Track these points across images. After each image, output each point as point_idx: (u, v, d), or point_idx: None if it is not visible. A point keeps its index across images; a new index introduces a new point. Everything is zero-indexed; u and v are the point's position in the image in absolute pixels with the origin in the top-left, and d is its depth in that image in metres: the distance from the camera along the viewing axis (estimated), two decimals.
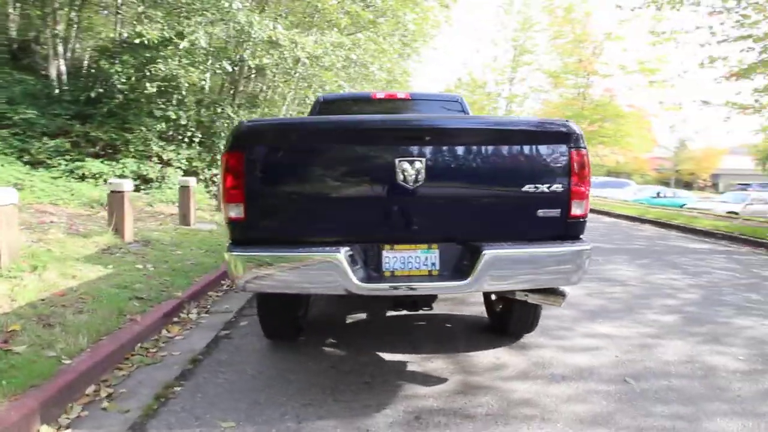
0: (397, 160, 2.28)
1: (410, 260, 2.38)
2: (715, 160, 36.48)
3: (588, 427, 2.31)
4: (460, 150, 2.36)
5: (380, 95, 4.47)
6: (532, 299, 2.66)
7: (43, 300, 3.50)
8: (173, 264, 4.98)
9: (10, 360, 2.59)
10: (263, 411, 2.44)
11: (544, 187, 2.37)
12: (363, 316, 4.01)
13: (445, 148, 2.34)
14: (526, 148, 2.37)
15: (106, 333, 3.15)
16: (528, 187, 2.36)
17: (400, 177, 2.29)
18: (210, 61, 9.64)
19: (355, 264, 2.28)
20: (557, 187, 2.37)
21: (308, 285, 2.31)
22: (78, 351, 2.84)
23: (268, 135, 2.37)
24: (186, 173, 10.25)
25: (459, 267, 2.39)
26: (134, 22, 8.57)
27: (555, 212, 2.39)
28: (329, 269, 2.24)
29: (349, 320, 3.92)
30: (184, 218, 7.47)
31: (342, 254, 2.24)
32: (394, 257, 2.38)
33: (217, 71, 10.01)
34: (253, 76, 12.08)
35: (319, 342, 3.40)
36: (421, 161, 2.29)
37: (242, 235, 2.38)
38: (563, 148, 2.37)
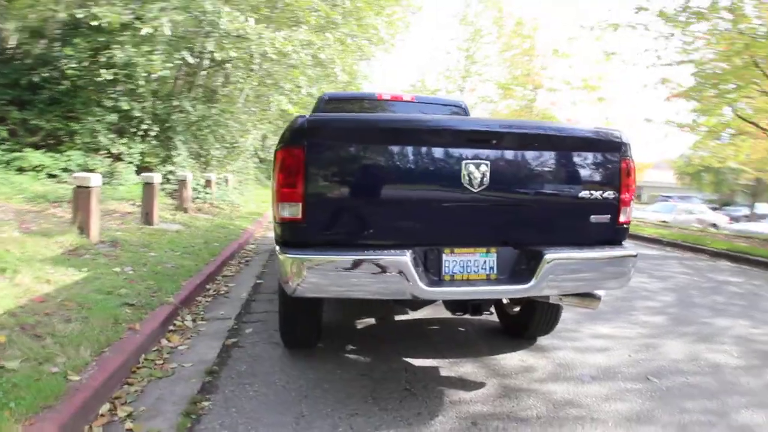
0: (463, 163, 2.25)
1: (469, 264, 2.35)
2: (641, 173, 39.78)
3: (636, 425, 2.40)
4: (522, 154, 2.36)
5: (386, 96, 4.41)
6: (568, 302, 2.71)
7: (22, 307, 3.09)
8: (153, 267, 4.60)
9: (11, 378, 2.25)
10: (312, 424, 2.30)
11: (597, 194, 2.43)
12: (372, 321, 3.91)
13: (508, 152, 2.34)
14: (583, 155, 2.43)
15: (107, 344, 2.83)
16: (584, 193, 2.42)
17: (466, 180, 2.26)
18: (170, 51, 9.04)
19: (417, 267, 2.22)
20: (609, 194, 2.45)
21: (371, 289, 2.20)
22: (83, 365, 2.53)
23: (330, 131, 2.24)
24: (139, 169, 9.56)
25: (516, 271, 2.39)
26: (88, 3, 7.83)
27: (606, 218, 2.47)
28: (395, 273, 2.16)
29: (360, 326, 3.81)
30: (147, 217, 6.93)
31: (408, 257, 2.17)
32: (453, 261, 2.34)
33: (176, 61, 9.38)
34: (212, 69, 11.50)
35: (337, 349, 3.26)
36: (486, 164, 2.27)
37: (297, 237, 2.23)
38: (616, 156, 2.45)
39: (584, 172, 2.43)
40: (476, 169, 2.26)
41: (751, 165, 16.23)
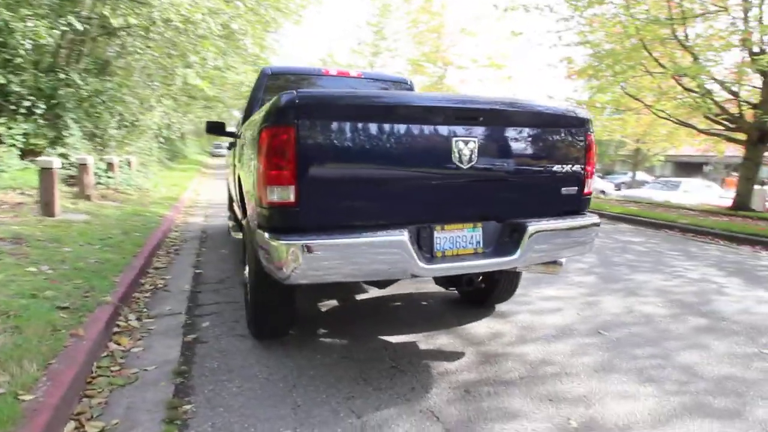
0: (453, 140, 2.26)
1: (458, 240, 2.39)
2: None
3: (603, 374, 2.66)
4: (506, 131, 2.43)
5: (332, 72, 4.24)
6: (534, 269, 2.89)
7: None
8: (74, 264, 4.06)
9: None
10: (311, 412, 2.23)
11: (568, 167, 2.60)
12: (335, 302, 3.85)
13: (494, 128, 2.39)
14: (557, 131, 2.57)
15: (52, 355, 2.46)
16: (557, 167, 2.57)
17: (456, 157, 2.27)
18: (53, 17, 7.83)
19: (413, 246, 2.21)
20: (577, 167, 2.63)
21: (370, 271, 2.15)
22: (32, 382, 2.19)
23: (323, 108, 2.09)
24: (23, 153, 8.29)
25: (500, 243, 2.49)
26: None
27: (574, 190, 2.66)
28: (395, 253, 2.13)
29: (324, 308, 3.73)
30: (47, 208, 6.05)
31: (406, 236, 2.15)
32: (444, 237, 2.36)
33: (62, 28, 8.14)
34: (104, 37, 10.17)
35: (308, 335, 3.17)
36: (474, 141, 2.30)
37: (289, 221, 2.09)
38: (582, 132, 2.63)
39: (557, 147, 2.58)
40: (465, 146, 2.28)
41: (634, 137, 18.34)
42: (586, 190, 2.71)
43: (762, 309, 3.88)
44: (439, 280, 2.64)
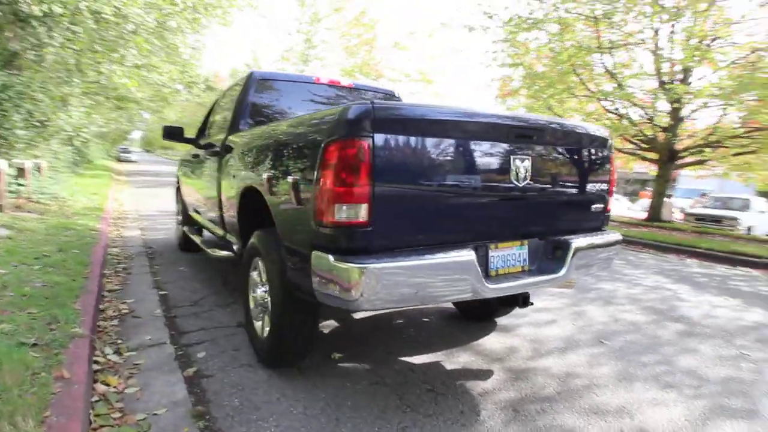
0: (512, 158, 2.24)
1: (508, 258, 2.37)
2: None
3: (627, 383, 2.77)
4: (553, 149, 2.46)
5: (324, 80, 4.05)
6: (555, 285, 2.96)
7: None
8: (19, 289, 3.44)
9: None
10: None
11: (598, 184, 2.71)
12: (333, 323, 3.64)
13: (544, 147, 2.41)
14: (589, 149, 2.66)
15: (44, 405, 2.04)
16: (590, 184, 2.66)
17: (513, 174, 2.26)
18: None
19: (479, 265, 2.14)
20: (604, 185, 2.75)
21: (440, 293, 2.03)
22: None
23: (399, 120, 1.95)
24: None
25: (544, 260, 2.50)
26: None
27: (601, 207, 2.76)
28: (464, 273, 2.04)
29: (326, 330, 3.51)
30: None
31: (474, 255, 2.08)
32: (497, 256, 2.32)
33: None
34: (13, 26, 8.88)
35: (321, 359, 2.95)
36: (529, 159, 2.31)
37: (359, 242, 1.91)
38: (606, 151, 2.75)
39: (590, 165, 2.67)
40: (522, 164, 2.28)
41: None
42: (609, 206, 2.84)
43: (720, 313, 4.34)
44: (499, 300, 2.59)
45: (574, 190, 2.61)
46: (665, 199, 11.88)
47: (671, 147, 10.46)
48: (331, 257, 1.92)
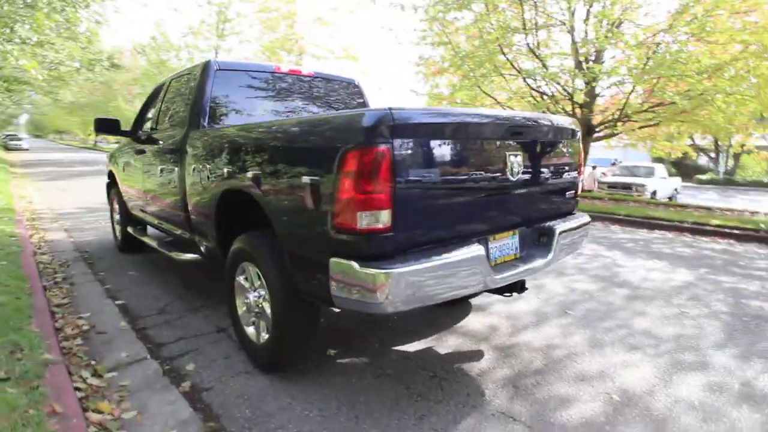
0: (507, 154, 2.37)
1: (504, 248, 2.51)
2: None
3: (599, 349, 3.10)
4: (537, 143, 2.63)
5: (284, 69, 3.88)
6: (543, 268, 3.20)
7: None
8: None
9: None
10: None
11: (573, 172, 2.94)
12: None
13: (531, 141, 2.57)
14: (565, 140, 2.87)
15: None
16: (566, 172, 2.88)
17: (509, 169, 2.39)
18: None
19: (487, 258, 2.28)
20: (575, 171, 2.98)
21: (456, 288, 2.12)
22: None
23: (416, 125, 1.97)
24: None
25: (532, 247, 2.69)
26: None
27: (572, 192, 3.01)
28: (475, 266, 2.15)
29: None
30: None
31: (482, 249, 2.20)
32: (495, 246, 2.46)
33: None
34: None
35: (318, 357, 2.96)
36: (520, 154, 2.45)
37: (382, 247, 1.94)
38: (577, 139, 2.99)
39: (565, 154, 2.89)
40: (515, 159, 2.41)
41: None
42: (579, 191, 3.09)
43: (654, 276, 4.92)
44: (498, 289, 2.72)
45: (554, 179, 2.81)
46: (589, 169, 12.98)
47: (588, 122, 11.38)
48: (355, 264, 1.92)
